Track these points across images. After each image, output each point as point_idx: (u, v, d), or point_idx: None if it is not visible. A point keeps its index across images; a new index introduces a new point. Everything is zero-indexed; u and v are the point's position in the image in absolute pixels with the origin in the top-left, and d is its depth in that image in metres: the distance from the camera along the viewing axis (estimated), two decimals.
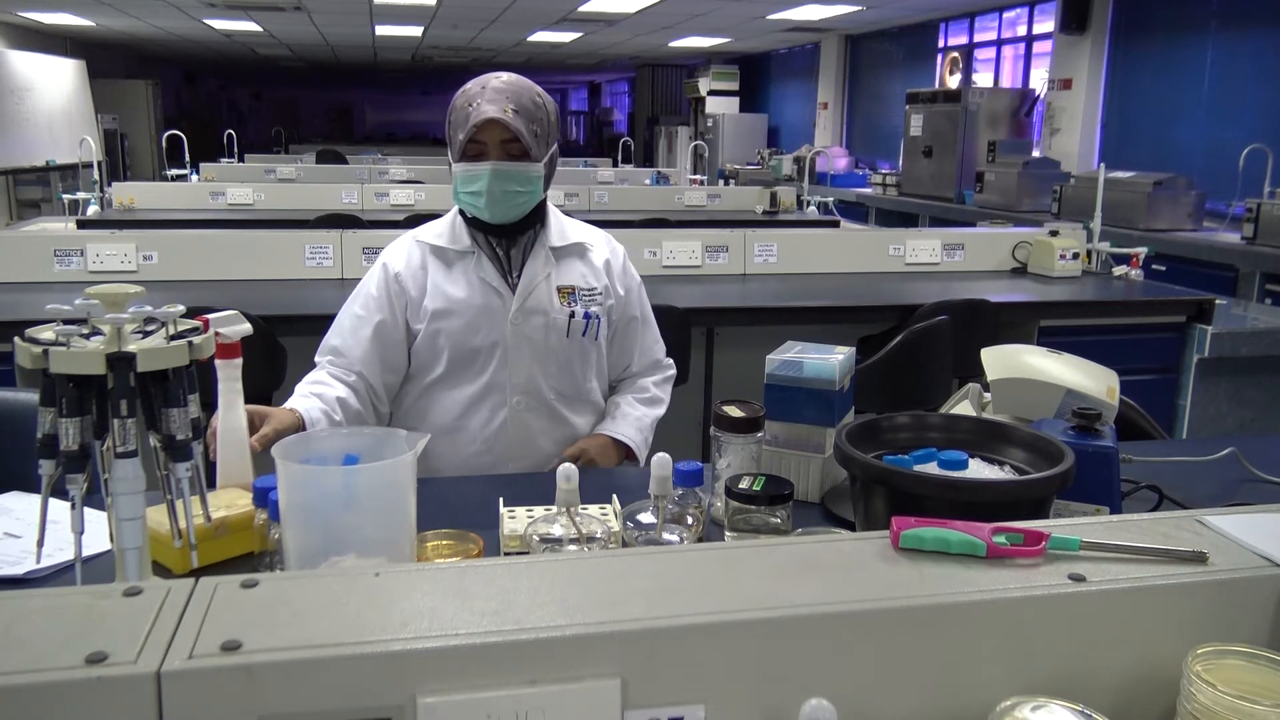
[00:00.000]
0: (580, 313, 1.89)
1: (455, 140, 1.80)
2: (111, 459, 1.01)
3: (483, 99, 1.77)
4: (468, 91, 1.81)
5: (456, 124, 1.80)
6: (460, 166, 1.80)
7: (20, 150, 10.35)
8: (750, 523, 1.32)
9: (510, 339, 1.85)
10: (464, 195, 1.83)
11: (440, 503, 1.56)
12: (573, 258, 1.94)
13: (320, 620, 0.76)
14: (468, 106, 1.78)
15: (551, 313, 1.87)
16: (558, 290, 1.89)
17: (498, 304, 1.86)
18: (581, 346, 1.91)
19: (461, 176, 1.81)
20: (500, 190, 1.79)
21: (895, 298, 3.51)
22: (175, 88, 19.07)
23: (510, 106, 1.76)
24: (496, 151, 1.78)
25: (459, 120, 1.79)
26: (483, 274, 1.86)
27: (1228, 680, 0.78)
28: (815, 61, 12.63)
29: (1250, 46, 6.55)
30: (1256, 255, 5.17)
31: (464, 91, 1.82)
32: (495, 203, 1.80)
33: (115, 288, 1.03)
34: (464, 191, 1.82)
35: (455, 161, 1.81)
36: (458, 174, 1.81)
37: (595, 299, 1.92)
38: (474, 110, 1.76)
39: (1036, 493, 1.18)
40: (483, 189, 1.79)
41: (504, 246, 1.90)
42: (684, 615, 0.79)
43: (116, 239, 3.42)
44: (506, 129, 1.76)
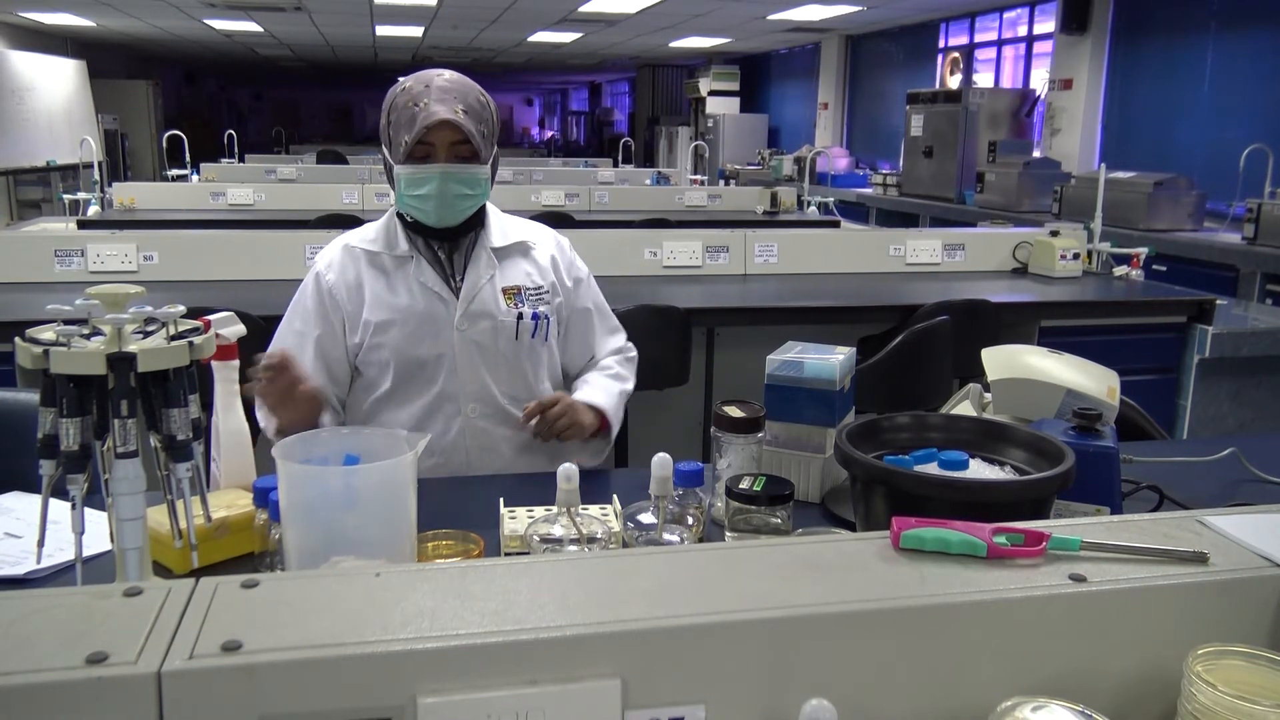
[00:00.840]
0: (529, 314, 1.83)
1: (398, 140, 1.72)
2: (112, 459, 1.01)
3: (429, 98, 1.70)
4: (409, 90, 1.73)
5: (399, 123, 1.72)
6: (406, 169, 1.72)
7: (21, 150, 10.36)
8: (751, 523, 1.32)
9: (457, 346, 1.79)
10: (409, 198, 1.75)
11: (441, 503, 1.56)
12: (516, 257, 1.87)
13: (321, 620, 0.76)
14: (413, 106, 1.70)
15: (499, 315, 1.81)
16: (503, 292, 1.82)
17: (441, 310, 1.79)
18: (532, 348, 1.85)
19: (407, 179, 1.73)
20: (449, 193, 1.73)
21: (896, 298, 3.51)
22: (176, 88, 19.08)
23: (459, 107, 1.70)
24: (445, 153, 1.71)
25: (402, 120, 1.71)
26: (424, 279, 1.79)
27: (1228, 680, 0.78)
28: (816, 62, 12.64)
29: (1251, 46, 6.55)
30: (1257, 255, 5.17)
31: (405, 90, 1.74)
32: (443, 206, 1.74)
33: (116, 288, 1.03)
34: (409, 195, 1.74)
35: (399, 163, 1.73)
36: (402, 176, 1.73)
37: (543, 298, 1.86)
38: (421, 110, 1.69)
39: (1037, 493, 1.18)
40: (431, 192, 1.72)
41: (445, 250, 1.83)
42: (684, 615, 0.79)
43: (117, 239, 3.42)
44: (458, 130, 1.70)
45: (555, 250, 1.94)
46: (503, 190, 6.91)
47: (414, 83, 1.74)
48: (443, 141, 1.71)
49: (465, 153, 1.73)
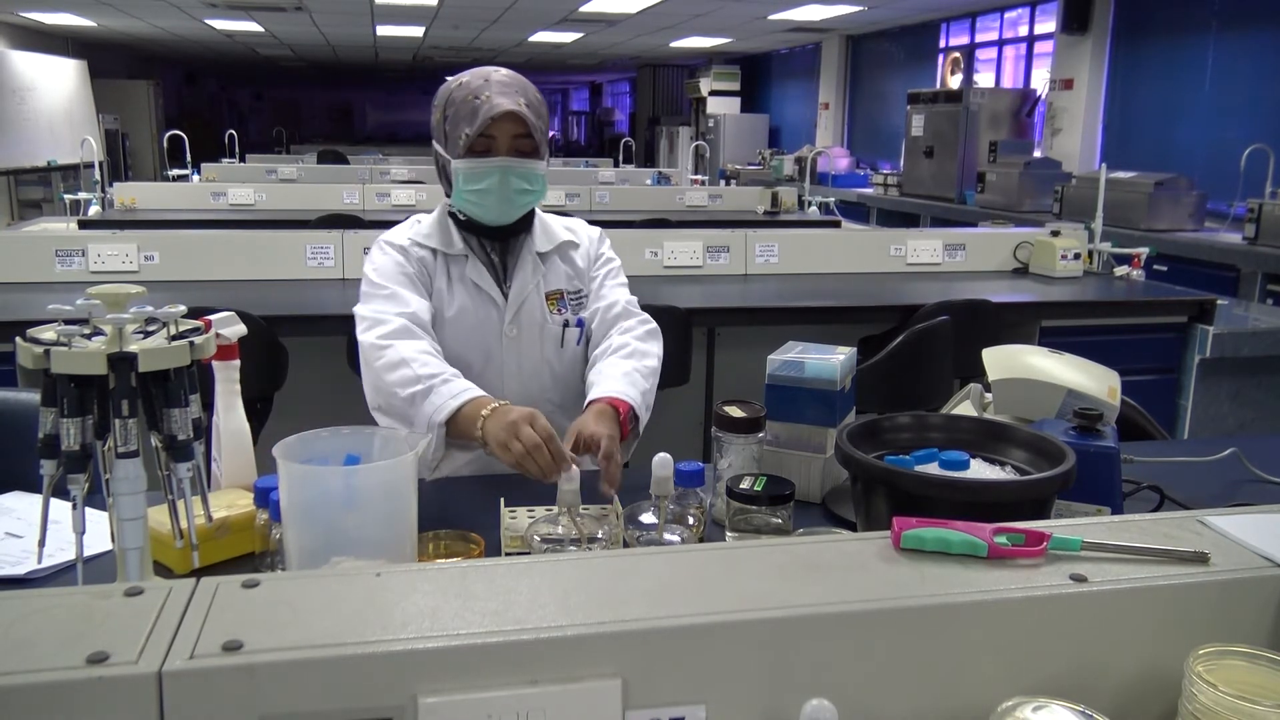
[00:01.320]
0: (573, 320, 1.82)
1: (456, 134, 1.68)
2: (113, 459, 1.01)
3: (490, 91, 1.67)
4: (467, 84, 1.70)
5: (460, 117, 1.68)
6: (466, 163, 1.68)
7: (22, 150, 10.36)
8: (751, 523, 1.32)
9: (504, 350, 1.77)
10: (467, 193, 1.71)
11: (441, 503, 1.56)
12: (557, 260, 1.85)
13: (321, 620, 0.76)
14: (473, 99, 1.67)
15: (545, 323, 1.79)
16: (546, 297, 1.80)
17: (493, 314, 1.76)
18: (573, 355, 1.83)
19: (466, 173, 1.69)
20: (509, 188, 1.70)
21: (896, 298, 3.51)
22: (176, 88, 19.09)
23: (521, 100, 1.68)
24: (506, 147, 1.68)
25: (463, 113, 1.67)
26: (478, 280, 1.77)
27: (1229, 680, 0.78)
28: (816, 62, 12.63)
29: (1251, 46, 6.55)
30: (1258, 255, 5.17)
31: (462, 84, 1.71)
32: (503, 202, 1.71)
33: (116, 288, 1.04)
34: (468, 189, 1.70)
35: (458, 157, 1.69)
36: (461, 170, 1.69)
37: (581, 302, 1.84)
38: (483, 103, 1.66)
39: (1038, 493, 1.18)
40: (492, 186, 1.69)
41: (498, 251, 1.80)
42: (685, 615, 0.79)
43: (118, 239, 3.42)
44: (521, 123, 1.67)
45: (589, 246, 1.90)
46: None
47: (471, 77, 1.71)
48: (504, 135, 1.68)
49: (526, 147, 1.70)
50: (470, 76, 1.72)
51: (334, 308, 3.17)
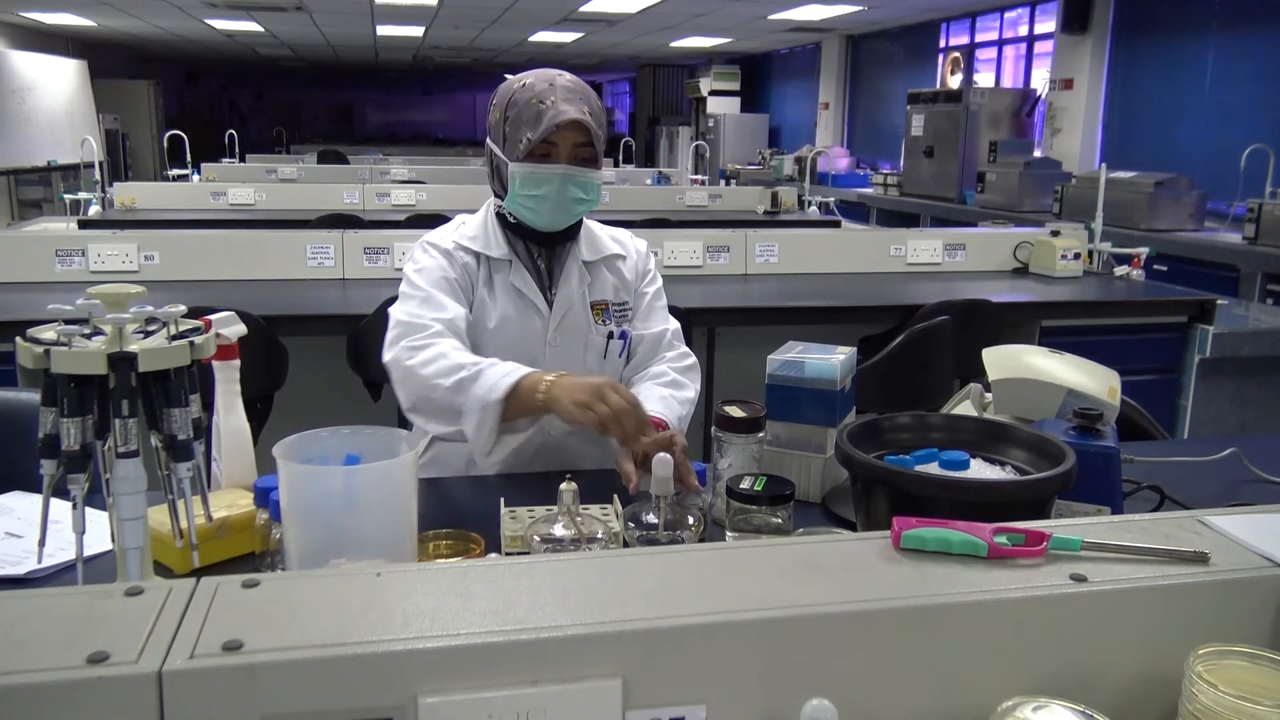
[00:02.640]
0: (617, 332, 1.79)
1: (518, 137, 1.65)
2: (113, 459, 1.01)
3: (556, 97, 1.64)
4: (531, 86, 1.67)
5: (523, 120, 1.65)
6: (526, 167, 1.66)
7: (22, 150, 10.37)
8: (751, 523, 1.32)
9: (547, 360, 1.73)
10: (523, 197, 1.68)
11: (441, 503, 1.56)
12: (604, 270, 1.82)
13: (322, 620, 0.76)
14: (538, 103, 1.64)
15: (590, 333, 1.77)
16: (591, 307, 1.78)
17: (537, 323, 1.74)
18: (616, 367, 1.81)
19: (525, 178, 1.66)
20: (566, 196, 1.67)
21: (896, 298, 3.51)
22: (177, 88, 19.09)
23: (585, 108, 1.65)
24: (567, 154, 1.66)
25: (527, 117, 1.64)
26: (522, 286, 1.74)
27: (1229, 680, 0.78)
28: (816, 61, 12.63)
29: (1251, 46, 6.55)
30: (1258, 255, 5.17)
31: (525, 86, 1.67)
32: (558, 209, 1.68)
33: (117, 288, 1.03)
34: (524, 194, 1.68)
35: (517, 160, 1.66)
36: (519, 174, 1.67)
37: (625, 314, 1.82)
38: (548, 108, 1.63)
39: (1038, 493, 1.18)
40: (550, 193, 1.67)
41: (544, 257, 1.77)
42: (685, 615, 0.79)
43: (118, 239, 3.42)
44: (584, 132, 1.65)
45: (637, 260, 1.88)
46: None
47: (535, 80, 1.68)
48: (566, 142, 1.66)
49: (586, 155, 1.68)
50: (534, 79, 1.69)
51: (334, 308, 3.17)
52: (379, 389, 3.06)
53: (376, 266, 3.54)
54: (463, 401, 1.54)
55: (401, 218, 5.47)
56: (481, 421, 1.52)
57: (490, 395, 1.51)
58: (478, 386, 1.53)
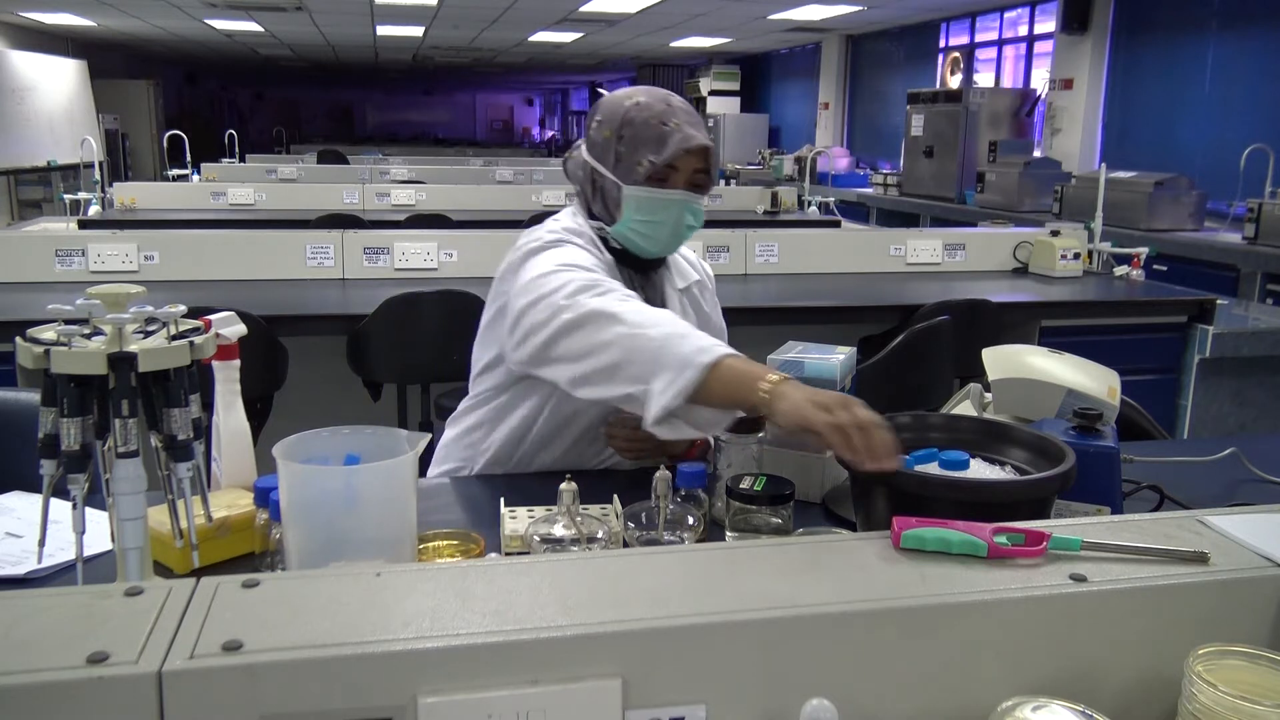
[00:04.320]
0: None
1: (634, 159, 1.57)
2: (113, 459, 1.01)
3: (678, 119, 1.57)
4: (648, 106, 1.58)
5: (640, 141, 1.57)
6: (646, 192, 1.57)
7: (22, 150, 10.37)
8: (751, 523, 1.32)
9: None
10: (638, 223, 1.60)
11: (441, 503, 1.56)
12: (694, 296, 1.77)
13: (321, 620, 0.76)
14: (660, 125, 1.56)
15: None
16: None
17: None
18: None
19: (643, 202, 1.58)
20: (681, 223, 1.61)
21: (896, 298, 3.51)
22: (177, 88, 19.09)
23: (706, 133, 1.60)
24: (686, 179, 1.59)
25: (645, 138, 1.56)
26: None
27: (1229, 680, 0.78)
28: (816, 61, 12.63)
29: (1251, 46, 6.55)
30: (1258, 255, 5.17)
31: (640, 105, 1.59)
32: (673, 236, 1.62)
33: (116, 288, 1.03)
34: (640, 219, 1.59)
35: (635, 184, 1.58)
36: (638, 199, 1.58)
37: None
38: (673, 131, 1.56)
39: (1038, 493, 1.18)
40: (667, 220, 1.59)
41: (639, 283, 1.68)
42: (685, 615, 0.79)
43: (118, 239, 3.42)
44: (705, 158, 1.59)
45: (712, 287, 1.85)
46: (503, 190, 6.91)
47: (650, 99, 1.60)
48: (687, 167, 1.59)
49: (704, 182, 1.62)
50: (646, 97, 1.61)
51: (334, 308, 3.17)
52: (379, 389, 3.06)
53: (376, 266, 3.54)
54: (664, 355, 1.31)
55: (401, 218, 5.47)
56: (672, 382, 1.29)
57: (699, 357, 1.29)
58: (687, 343, 1.31)
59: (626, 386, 1.35)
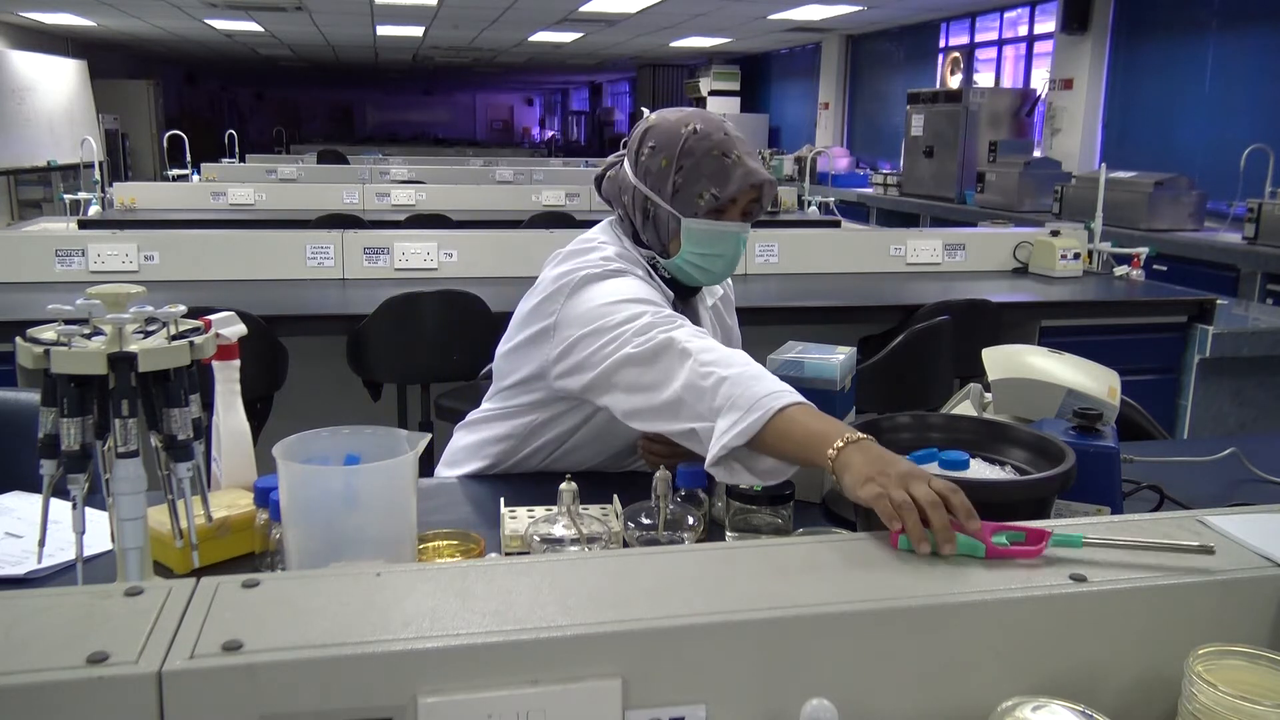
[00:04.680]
0: None
1: (695, 190, 1.52)
2: (113, 459, 1.01)
3: (739, 151, 1.54)
4: (708, 134, 1.53)
5: (700, 173, 1.52)
6: (706, 224, 1.54)
7: (22, 150, 10.37)
8: (751, 523, 1.32)
9: None
10: (696, 255, 1.56)
11: (441, 503, 1.56)
12: (721, 312, 1.78)
13: (321, 620, 0.76)
14: (721, 157, 1.52)
15: None
16: None
17: None
18: None
19: (703, 235, 1.54)
20: (737, 255, 1.58)
21: (896, 298, 3.51)
22: (177, 88, 19.09)
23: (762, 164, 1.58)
24: (741, 210, 1.56)
25: (706, 170, 1.52)
26: None
27: (1229, 680, 0.78)
28: (816, 61, 12.64)
29: (1251, 46, 6.55)
30: (1258, 255, 5.17)
31: (698, 133, 1.53)
32: (727, 268, 1.59)
33: (116, 288, 1.03)
34: (699, 251, 1.56)
35: (693, 216, 1.54)
36: (697, 231, 1.54)
37: None
38: (735, 165, 1.52)
39: (1038, 493, 1.18)
40: (726, 252, 1.57)
41: (680, 307, 1.63)
42: (685, 615, 0.79)
43: (118, 239, 3.42)
44: (763, 191, 1.56)
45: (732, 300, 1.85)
46: (503, 190, 6.91)
47: (708, 127, 1.54)
48: (745, 199, 1.56)
49: (754, 210, 1.59)
50: (704, 124, 1.55)
51: (334, 308, 3.17)
52: (379, 389, 3.06)
53: (376, 266, 3.54)
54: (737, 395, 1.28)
55: (401, 218, 5.47)
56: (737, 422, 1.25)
57: (770, 401, 1.24)
58: (759, 385, 1.28)
59: (689, 422, 1.32)
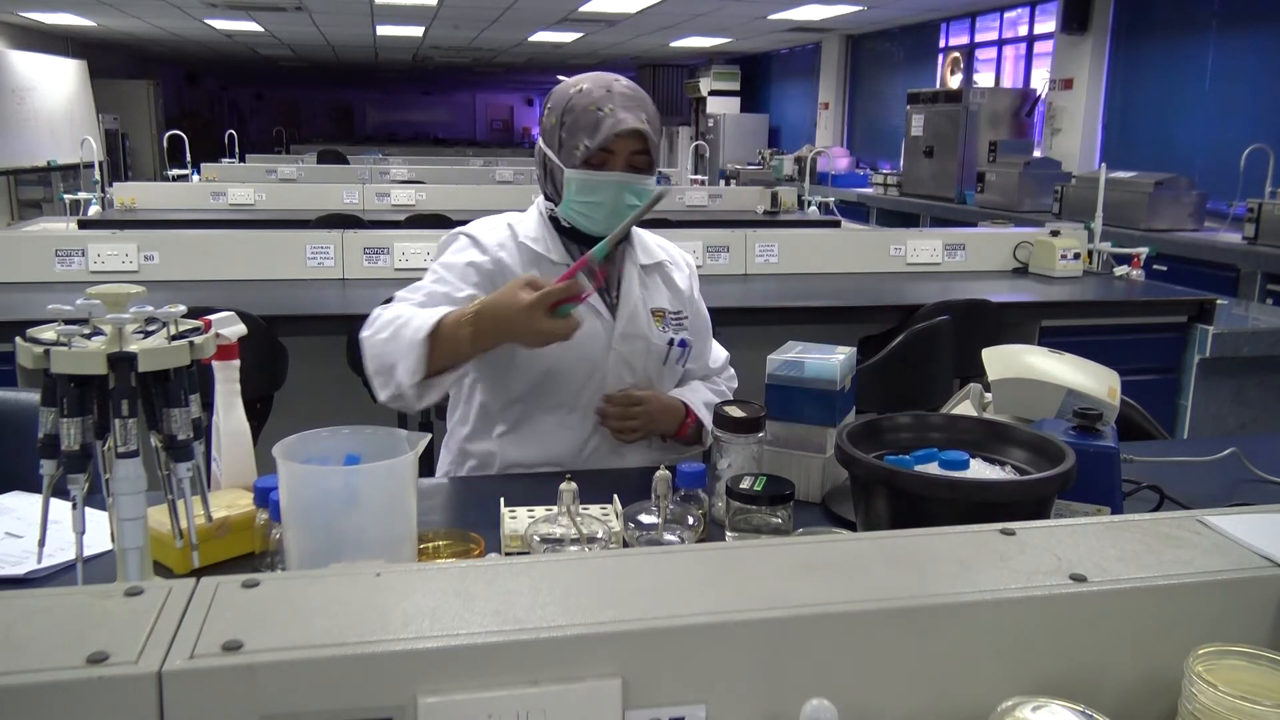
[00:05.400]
0: (677, 340, 1.79)
1: (575, 144, 1.66)
2: (113, 459, 1.01)
3: (614, 104, 1.65)
4: (590, 93, 1.66)
5: (579, 127, 1.65)
6: (582, 174, 1.66)
7: (22, 150, 10.37)
8: (751, 523, 1.32)
9: (610, 365, 1.74)
10: (578, 203, 1.68)
11: (441, 503, 1.56)
12: (657, 278, 1.84)
13: (321, 620, 0.76)
14: (596, 110, 1.64)
15: (651, 338, 1.76)
16: (652, 313, 1.78)
17: (599, 327, 1.72)
18: (674, 374, 1.83)
19: (581, 184, 1.67)
20: (621, 203, 1.67)
21: (896, 298, 3.51)
22: (176, 88, 19.09)
23: (643, 115, 1.67)
24: (624, 161, 1.66)
25: (584, 124, 1.64)
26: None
27: (1229, 680, 0.78)
28: (816, 61, 12.63)
29: (1251, 46, 6.55)
30: (1258, 255, 5.17)
31: (582, 91, 1.67)
32: (612, 215, 1.67)
33: (116, 288, 1.04)
34: (580, 200, 1.68)
35: (573, 167, 1.67)
36: (575, 181, 1.67)
37: (683, 324, 1.83)
38: (606, 116, 1.64)
39: (1038, 493, 1.18)
40: (605, 200, 1.67)
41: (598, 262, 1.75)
42: (685, 615, 0.79)
43: (118, 239, 3.42)
44: (642, 140, 1.66)
45: (690, 273, 1.91)
46: (504, 190, 6.91)
47: (593, 85, 1.68)
48: (623, 150, 1.66)
49: (642, 163, 1.68)
50: (590, 84, 1.68)
51: (334, 308, 3.17)
52: None
53: (376, 266, 3.54)
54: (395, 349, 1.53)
55: (401, 218, 5.47)
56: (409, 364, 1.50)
57: (415, 336, 1.50)
58: (406, 329, 1.52)
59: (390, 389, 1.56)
